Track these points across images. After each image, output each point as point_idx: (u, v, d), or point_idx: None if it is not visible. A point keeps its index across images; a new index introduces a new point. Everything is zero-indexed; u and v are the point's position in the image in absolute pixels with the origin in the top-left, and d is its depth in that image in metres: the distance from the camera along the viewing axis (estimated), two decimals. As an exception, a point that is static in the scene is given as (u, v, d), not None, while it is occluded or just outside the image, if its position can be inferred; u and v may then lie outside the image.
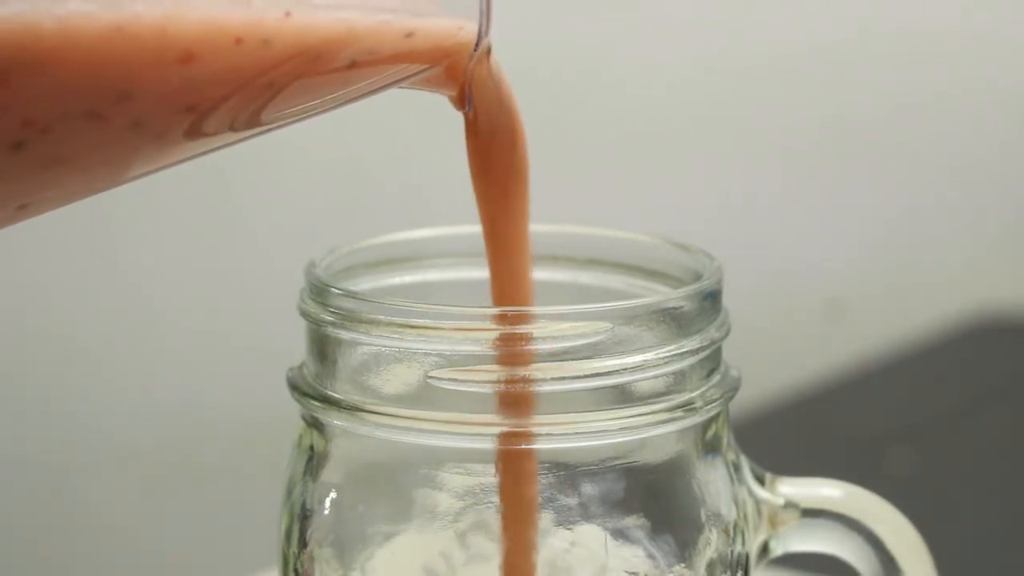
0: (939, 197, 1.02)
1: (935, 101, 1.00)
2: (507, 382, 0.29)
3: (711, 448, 0.32)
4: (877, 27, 0.97)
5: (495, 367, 0.29)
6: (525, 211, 0.32)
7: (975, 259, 1.03)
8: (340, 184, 0.76)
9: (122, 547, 0.73)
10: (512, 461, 0.30)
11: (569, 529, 0.30)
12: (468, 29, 0.29)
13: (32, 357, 0.70)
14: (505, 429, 0.30)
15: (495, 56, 0.30)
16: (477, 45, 0.29)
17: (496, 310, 0.30)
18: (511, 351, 0.29)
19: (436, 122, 0.39)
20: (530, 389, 0.29)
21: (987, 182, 1.04)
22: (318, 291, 0.31)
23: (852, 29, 0.96)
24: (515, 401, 0.30)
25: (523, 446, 0.30)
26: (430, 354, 0.30)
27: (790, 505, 0.33)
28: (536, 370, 0.29)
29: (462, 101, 0.31)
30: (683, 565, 0.31)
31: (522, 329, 0.29)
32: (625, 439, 0.30)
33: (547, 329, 0.29)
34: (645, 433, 0.30)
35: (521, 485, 0.30)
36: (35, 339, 0.70)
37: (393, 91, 0.30)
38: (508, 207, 0.32)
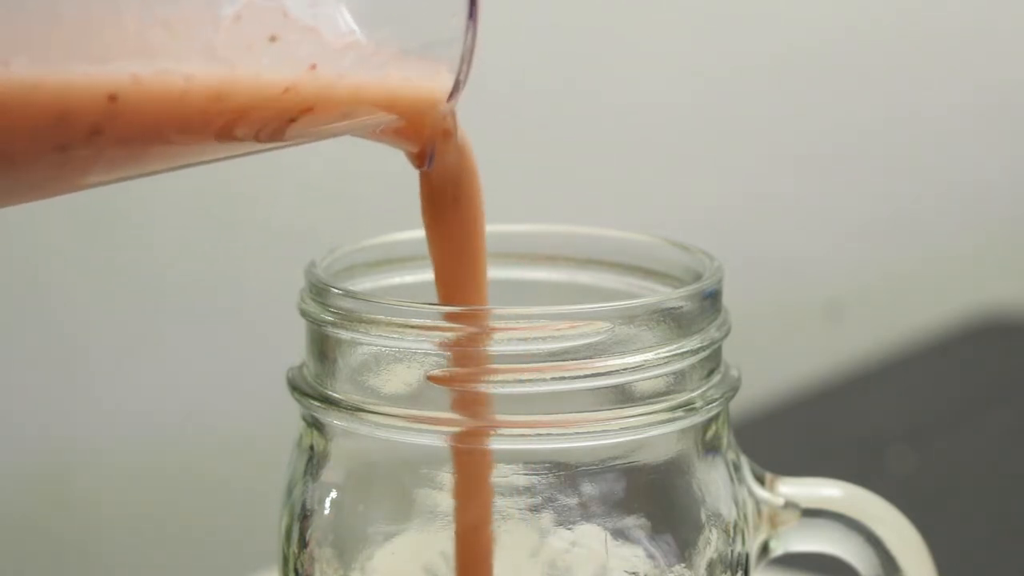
0: (939, 198, 1.02)
1: (935, 101, 1.00)
2: (507, 382, 0.29)
3: (711, 448, 0.32)
4: (875, 28, 0.97)
5: (495, 367, 0.29)
6: (481, 256, 0.31)
7: (975, 259, 1.03)
8: (340, 184, 0.76)
9: (122, 546, 0.73)
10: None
11: (569, 529, 0.30)
12: (443, 80, 0.28)
13: (30, 358, 0.70)
14: (505, 429, 0.30)
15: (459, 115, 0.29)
16: (452, 94, 0.28)
17: (496, 310, 0.30)
18: (511, 351, 0.29)
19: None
20: (530, 389, 0.29)
21: (987, 182, 1.04)
22: (318, 291, 0.31)
23: (850, 30, 0.96)
24: (515, 401, 0.30)
25: (523, 446, 0.30)
26: (430, 354, 0.30)
27: (790, 505, 0.33)
28: (536, 370, 0.29)
29: (422, 158, 0.30)
30: (683, 565, 0.31)
31: (522, 329, 0.29)
32: (625, 439, 0.30)
33: (547, 329, 0.29)
34: (645, 433, 0.30)
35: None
36: (33, 340, 0.70)
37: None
38: (464, 254, 0.31)
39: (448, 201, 0.31)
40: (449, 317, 0.30)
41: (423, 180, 0.31)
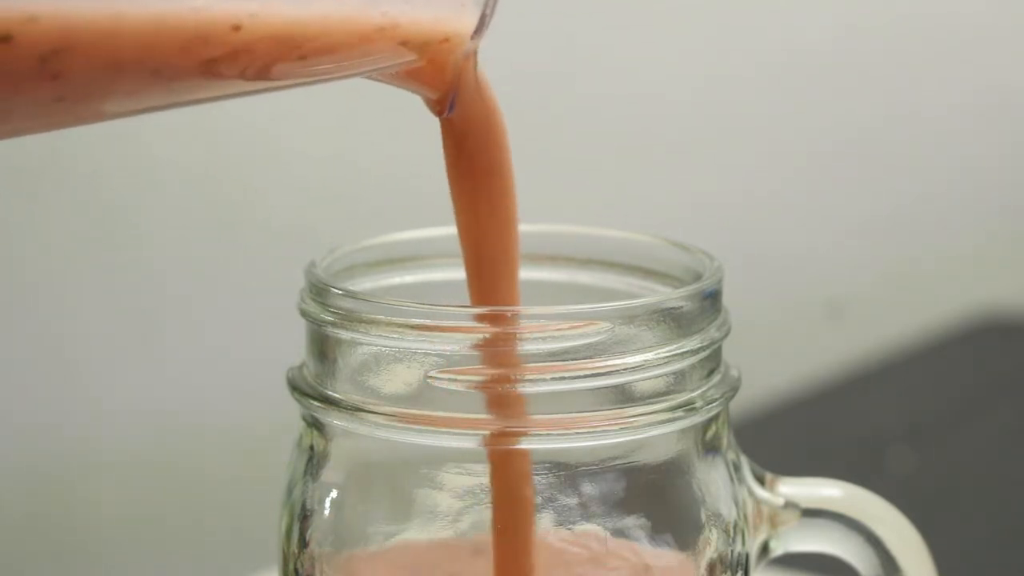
0: (940, 197, 1.02)
1: (935, 101, 1.00)
2: (507, 382, 0.29)
3: (711, 448, 0.32)
4: (875, 27, 0.97)
5: (495, 367, 0.29)
6: (514, 214, 0.30)
7: (975, 259, 1.03)
8: (340, 184, 0.76)
9: (122, 546, 0.73)
10: (511, 461, 0.30)
11: (569, 529, 0.30)
12: (468, 16, 0.26)
13: (30, 358, 0.70)
14: (505, 429, 0.30)
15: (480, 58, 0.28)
16: (477, 31, 0.27)
17: (496, 310, 0.30)
18: (511, 351, 0.29)
19: (436, 120, 0.39)
20: (530, 389, 0.29)
21: (987, 182, 1.04)
22: (318, 291, 0.31)
23: (851, 28, 0.96)
24: (515, 401, 0.30)
25: (523, 446, 0.30)
26: (430, 354, 0.30)
27: (790, 505, 0.33)
28: (536, 370, 0.29)
29: (443, 103, 0.28)
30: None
31: (522, 329, 0.29)
32: (625, 439, 0.30)
33: (547, 329, 0.29)
34: (645, 433, 0.30)
35: (520, 484, 0.30)
36: (33, 340, 0.70)
37: (391, 90, 0.30)
38: (495, 212, 0.30)
39: (473, 152, 0.29)
40: (449, 318, 0.30)
41: (445, 130, 0.29)
